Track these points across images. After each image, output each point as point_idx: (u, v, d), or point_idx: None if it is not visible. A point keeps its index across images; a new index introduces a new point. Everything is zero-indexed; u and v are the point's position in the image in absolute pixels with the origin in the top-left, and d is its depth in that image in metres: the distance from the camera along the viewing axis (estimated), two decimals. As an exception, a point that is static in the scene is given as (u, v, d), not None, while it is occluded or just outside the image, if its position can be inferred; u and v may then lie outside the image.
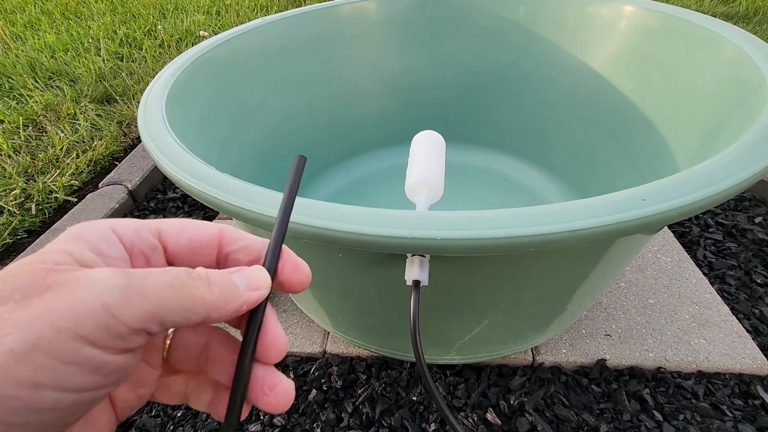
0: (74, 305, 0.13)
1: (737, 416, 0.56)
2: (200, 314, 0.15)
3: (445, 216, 0.30)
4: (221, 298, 0.15)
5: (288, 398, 0.17)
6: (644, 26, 0.66)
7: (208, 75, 0.64)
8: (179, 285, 0.14)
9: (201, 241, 0.18)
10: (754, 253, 0.80)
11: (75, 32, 1.89)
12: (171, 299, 0.14)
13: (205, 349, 0.18)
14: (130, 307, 0.13)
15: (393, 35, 0.85)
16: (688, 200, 0.29)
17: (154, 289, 0.14)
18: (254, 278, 0.17)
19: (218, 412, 0.19)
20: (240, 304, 0.16)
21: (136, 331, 0.14)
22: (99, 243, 0.15)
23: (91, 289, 0.13)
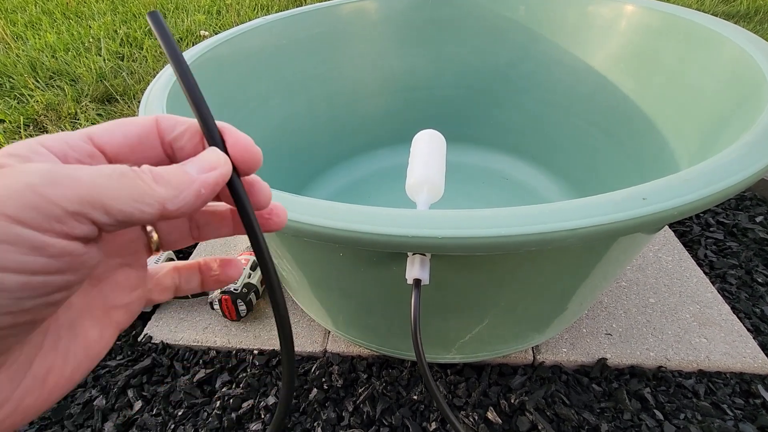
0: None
1: (738, 415, 0.56)
2: (153, 205, 0.14)
3: (446, 215, 0.30)
4: (171, 188, 0.15)
5: (284, 210, 0.19)
6: (645, 25, 0.66)
7: (208, 75, 0.64)
8: (118, 175, 0.14)
9: (138, 134, 0.17)
10: (755, 252, 0.79)
11: (76, 32, 1.90)
12: (111, 187, 0.13)
13: (193, 221, 0.20)
14: (61, 187, 0.13)
15: (393, 35, 0.85)
16: (688, 199, 0.30)
17: (87, 177, 0.13)
18: (205, 160, 0.16)
19: (208, 287, 0.21)
20: (197, 188, 0.15)
21: (74, 215, 0.13)
22: (29, 155, 0.14)
23: (16, 174, 0.13)
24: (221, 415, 0.59)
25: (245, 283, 0.68)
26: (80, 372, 0.17)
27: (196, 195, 0.15)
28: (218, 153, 0.17)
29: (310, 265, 0.46)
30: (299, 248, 0.43)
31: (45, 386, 0.16)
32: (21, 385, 0.15)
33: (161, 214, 0.15)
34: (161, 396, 0.62)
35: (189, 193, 0.15)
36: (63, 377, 0.16)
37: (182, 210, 0.15)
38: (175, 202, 0.15)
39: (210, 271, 0.21)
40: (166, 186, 0.15)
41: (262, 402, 0.60)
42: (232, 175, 0.17)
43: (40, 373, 0.16)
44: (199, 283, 0.21)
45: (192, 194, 0.15)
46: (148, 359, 0.66)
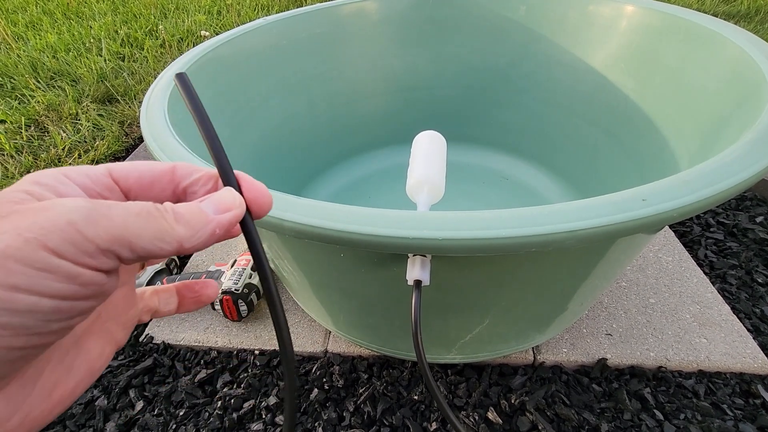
0: (39, 221, 0.13)
1: (738, 415, 0.56)
2: (171, 244, 0.15)
3: (447, 216, 0.30)
4: (189, 228, 0.16)
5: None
6: (645, 25, 0.66)
7: (209, 75, 0.64)
8: (145, 214, 0.15)
9: (152, 176, 0.18)
10: (755, 252, 0.80)
11: (76, 32, 1.90)
12: (138, 226, 0.15)
13: None
14: (96, 227, 0.14)
15: (394, 35, 0.85)
16: (688, 200, 0.30)
17: (119, 215, 0.14)
18: (221, 201, 0.17)
19: (185, 309, 0.22)
20: (212, 229, 0.16)
21: (104, 251, 0.14)
22: (56, 186, 0.16)
23: (56, 209, 0.14)
24: (222, 415, 0.59)
25: (246, 284, 0.68)
26: (81, 387, 0.18)
27: (210, 234, 0.16)
28: (234, 194, 0.17)
29: (311, 266, 0.46)
30: (300, 249, 0.43)
31: (50, 399, 0.17)
32: (30, 396, 0.16)
33: (177, 251, 0.16)
34: (163, 396, 0.62)
35: (205, 233, 0.16)
36: (67, 391, 0.17)
37: (196, 248, 0.16)
38: (191, 240, 0.16)
39: (189, 292, 0.22)
40: (186, 226, 0.16)
41: (264, 402, 0.60)
42: (245, 215, 0.18)
43: (47, 385, 0.17)
44: (176, 305, 0.22)
45: (207, 234, 0.16)
46: (149, 359, 0.66)
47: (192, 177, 0.18)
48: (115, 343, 0.19)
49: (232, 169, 0.18)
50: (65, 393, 0.17)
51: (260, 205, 0.18)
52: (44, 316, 0.14)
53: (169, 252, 0.16)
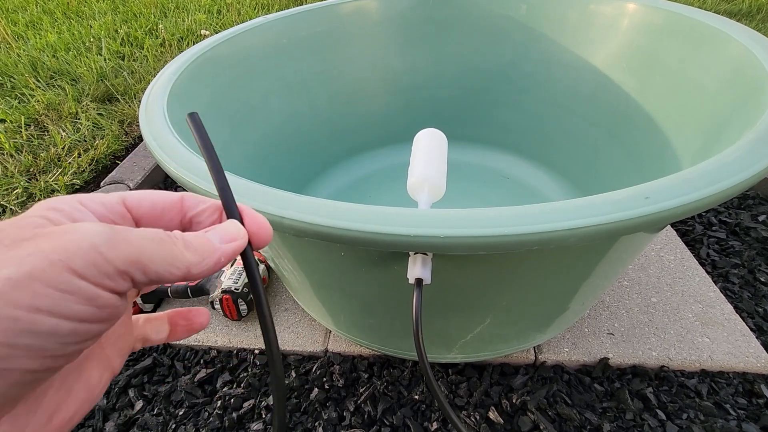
0: (65, 243, 0.14)
1: (741, 415, 0.56)
2: (181, 268, 0.16)
3: (449, 214, 0.30)
4: (197, 255, 0.17)
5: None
6: (647, 24, 0.65)
7: (209, 74, 0.64)
8: (159, 240, 0.16)
9: (163, 206, 0.19)
10: (758, 251, 0.79)
11: (76, 31, 1.90)
12: (152, 250, 0.16)
13: None
14: (116, 250, 0.15)
15: (394, 34, 0.85)
16: (691, 198, 0.29)
17: (137, 239, 0.16)
18: (227, 231, 0.19)
19: (176, 337, 0.23)
20: (218, 257, 0.18)
21: (122, 273, 0.15)
22: (72, 212, 0.17)
23: (79, 232, 0.15)
24: (222, 414, 0.59)
25: (246, 283, 0.67)
26: (80, 413, 0.18)
27: (216, 262, 0.18)
28: (238, 226, 0.19)
29: (311, 265, 0.46)
30: (300, 248, 0.43)
31: (51, 424, 0.17)
32: (33, 420, 0.16)
33: (185, 276, 0.17)
34: (162, 396, 0.62)
35: (211, 260, 0.17)
36: (66, 416, 0.17)
37: (203, 274, 0.17)
38: (198, 267, 0.17)
39: (182, 320, 0.23)
40: (194, 253, 0.17)
41: (263, 402, 0.60)
42: (246, 247, 0.19)
43: (49, 409, 0.17)
44: (167, 334, 0.23)
45: (213, 261, 0.18)
46: (149, 359, 0.66)
47: (198, 207, 0.20)
48: (112, 369, 0.20)
49: (236, 203, 0.20)
50: (65, 418, 0.17)
51: (261, 237, 0.20)
52: (62, 339, 0.14)
53: (178, 277, 0.16)
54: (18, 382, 0.14)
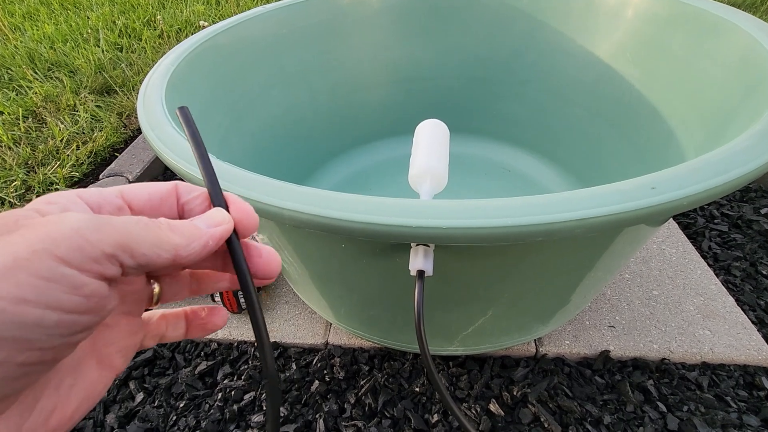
0: (49, 231, 0.14)
1: (742, 407, 0.56)
2: (168, 251, 0.17)
3: (451, 204, 0.29)
4: (184, 237, 0.17)
5: (275, 259, 0.20)
6: (652, 13, 0.64)
7: (208, 64, 0.63)
8: (143, 224, 0.16)
9: (160, 195, 0.20)
10: (760, 244, 0.79)
11: (74, 23, 1.88)
12: (137, 233, 0.16)
13: (194, 276, 0.22)
14: (100, 233, 0.15)
15: (395, 24, 0.84)
16: (698, 189, 0.29)
17: (121, 224, 0.16)
18: (212, 217, 0.19)
19: (193, 335, 0.23)
20: (205, 240, 0.18)
21: (109, 257, 0.15)
22: (67, 204, 0.17)
23: (63, 220, 0.15)
24: (223, 407, 0.59)
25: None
26: (79, 412, 0.18)
27: (203, 245, 0.18)
28: (223, 212, 0.19)
29: (312, 257, 0.46)
30: (300, 239, 0.43)
31: (48, 424, 0.17)
32: (28, 420, 0.16)
33: (174, 259, 0.17)
34: (163, 388, 0.62)
35: (198, 243, 0.18)
36: (65, 416, 0.17)
37: (192, 257, 0.17)
38: (186, 249, 0.17)
39: (197, 318, 0.23)
40: (180, 235, 0.17)
41: (264, 394, 0.60)
42: (232, 234, 0.19)
43: (46, 410, 0.17)
44: (185, 331, 0.23)
45: (201, 244, 0.18)
46: (149, 351, 0.66)
47: (190, 195, 0.20)
48: (114, 369, 0.19)
49: (222, 192, 0.20)
50: (63, 418, 0.17)
51: (246, 225, 0.20)
52: (48, 330, 0.14)
53: (167, 260, 0.17)
54: (7, 376, 0.13)
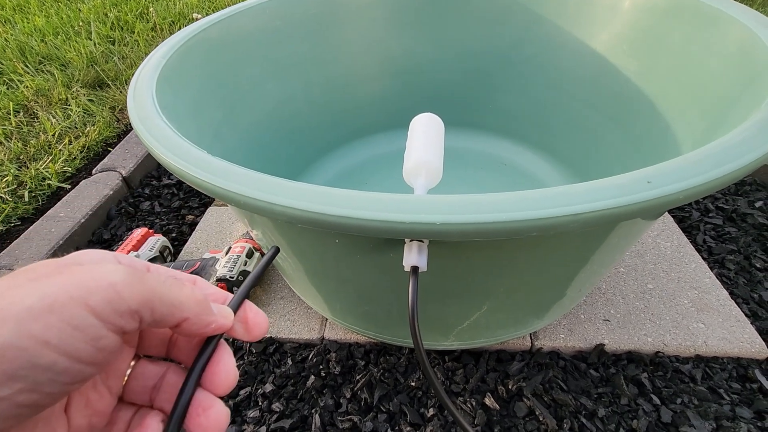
0: (86, 280, 0.15)
1: (735, 400, 0.56)
2: (183, 312, 0.18)
3: (445, 200, 0.29)
4: (200, 305, 0.19)
5: (219, 422, 0.19)
6: (649, 5, 0.64)
7: (200, 56, 0.62)
8: (170, 282, 0.18)
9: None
10: (754, 237, 0.79)
11: (65, 15, 1.85)
12: (162, 292, 0.17)
13: (161, 380, 0.21)
14: (132, 289, 0.16)
15: (391, 16, 0.83)
16: (695, 182, 0.29)
17: (151, 280, 0.17)
18: (224, 308, 0.21)
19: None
20: (212, 320, 0.19)
21: (133, 313, 0.16)
22: (102, 257, 0.19)
23: (100, 271, 0.16)
24: (218, 402, 0.59)
25: (241, 271, 0.67)
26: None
27: (208, 324, 0.19)
28: (230, 312, 0.21)
29: (306, 253, 0.45)
30: (294, 235, 0.42)
31: None
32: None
33: (176, 325, 0.18)
34: (158, 384, 0.61)
35: (206, 320, 0.19)
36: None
37: (192, 330, 0.19)
38: (196, 318, 0.19)
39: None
40: (197, 300, 0.19)
41: (260, 389, 0.59)
42: (216, 338, 0.20)
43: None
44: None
45: (207, 321, 0.19)
46: (144, 347, 0.66)
47: (208, 290, 0.22)
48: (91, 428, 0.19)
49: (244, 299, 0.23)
50: None
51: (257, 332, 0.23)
52: (56, 376, 0.14)
53: (172, 324, 0.18)
54: (3, 413, 0.14)
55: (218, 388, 0.20)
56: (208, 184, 0.34)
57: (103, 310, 0.15)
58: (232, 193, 0.32)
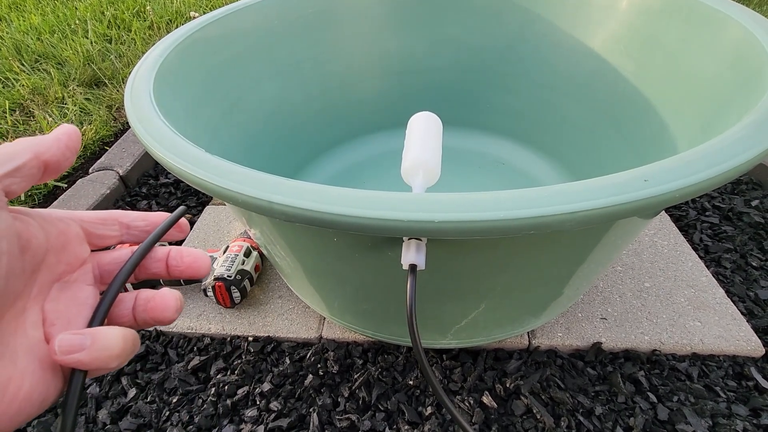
0: None
1: (731, 397, 0.57)
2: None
3: (443, 198, 0.29)
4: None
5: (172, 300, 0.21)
6: (646, 5, 0.64)
7: (198, 55, 0.62)
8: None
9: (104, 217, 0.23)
10: (750, 236, 0.80)
11: (61, 13, 1.84)
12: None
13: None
14: None
15: (389, 16, 0.83)
16: (691, 181, 0.29)
17: None
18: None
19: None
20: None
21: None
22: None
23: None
24: (216, 401, 0.59)
25: (239, 270, 0.67)
26: (37, 389, 0.17)
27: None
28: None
29: (304, 251, 0.46)
30: (292, 233, 0.42)
31: (4, 398, 0.16)
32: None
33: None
34: (155, 383, 0.61)
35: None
36: (21, 392, 0.16)
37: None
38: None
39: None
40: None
41: (258, 388, 0.59)
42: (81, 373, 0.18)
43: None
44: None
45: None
46: (141, 346, 0.66)
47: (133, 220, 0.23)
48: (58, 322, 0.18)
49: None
50: (20, 394, 0.16)
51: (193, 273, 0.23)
52: None
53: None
54: None
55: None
56: (206, 183, 0.34)
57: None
58: (229, 191, 0.32)
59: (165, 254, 0.23)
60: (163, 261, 0.22)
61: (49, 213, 0.20)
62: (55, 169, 0.19)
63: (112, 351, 0.17)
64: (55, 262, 0.19)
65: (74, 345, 0.17)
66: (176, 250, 0.23)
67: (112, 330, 0.18)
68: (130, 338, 0.18)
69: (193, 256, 0.23)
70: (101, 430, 0.57)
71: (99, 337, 0.17)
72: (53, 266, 0.19)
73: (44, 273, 0.19)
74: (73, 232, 0.21)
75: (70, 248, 0.20)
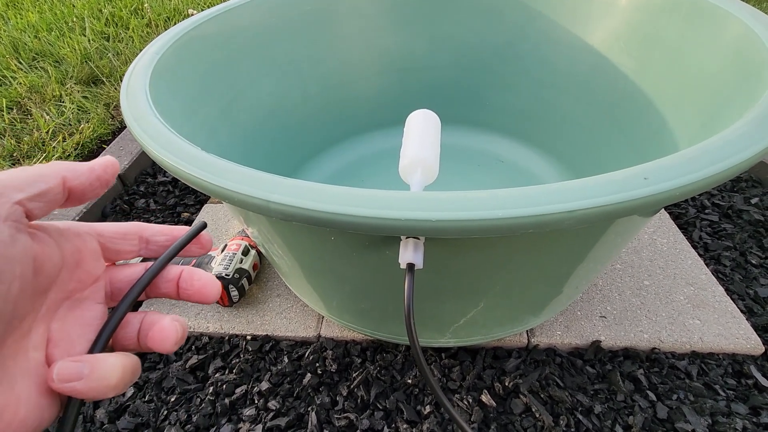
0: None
1: (730, 395, 0.57)
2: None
3: (441, 197, 0.29)
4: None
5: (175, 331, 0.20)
6: (646, 2, 0.64)
7: (195, 53, 0.62)
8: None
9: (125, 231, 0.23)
10: (750, 233, 0.79)
11: (59, 11, 1.83)
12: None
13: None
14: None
15: (388, 13, 0.82)
16: (691, 179, 0.28)
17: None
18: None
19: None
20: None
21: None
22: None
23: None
24: (214, 400, 0.58)
25: (237, 269, 0.67)
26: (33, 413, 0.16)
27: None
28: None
29: (302, 250, 0.45)
30: (289, 232, 0.42)
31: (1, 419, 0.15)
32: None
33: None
34: (153, 382, 0.61)
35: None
36: (18, 416, 0.16)
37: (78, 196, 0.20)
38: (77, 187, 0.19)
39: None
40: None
41: (256, 387, 0.59)
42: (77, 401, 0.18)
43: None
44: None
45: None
46: (139, 346, 0.65)
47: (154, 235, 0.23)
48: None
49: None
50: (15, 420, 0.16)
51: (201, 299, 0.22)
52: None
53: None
54: None
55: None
56: (203, 182, 0.33)
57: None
58: (227, 190, 0.32)
59: (177, 275, 0.22)
60: (173, 282, 0.22)
61: (68, 228, 0.20)
62: (79, 198, 0.19)
63: (110, 381, 0.17)
64: (67, 279, 0.19)
65: (72, 374, 0.17)
66: (188, 272, 0.22)
67: (111, 359, 0.17)
68: (129, 367, 0.18)
69: (203, 281, 0.22)
70: (99, 429, 0.57)
71: (98, 366, 0.17)
72: (65, 283, 0.19)
73: (55, 291, 0.18)
74: (89, 248, 0.20)
75: (84, 265, 0.20)
